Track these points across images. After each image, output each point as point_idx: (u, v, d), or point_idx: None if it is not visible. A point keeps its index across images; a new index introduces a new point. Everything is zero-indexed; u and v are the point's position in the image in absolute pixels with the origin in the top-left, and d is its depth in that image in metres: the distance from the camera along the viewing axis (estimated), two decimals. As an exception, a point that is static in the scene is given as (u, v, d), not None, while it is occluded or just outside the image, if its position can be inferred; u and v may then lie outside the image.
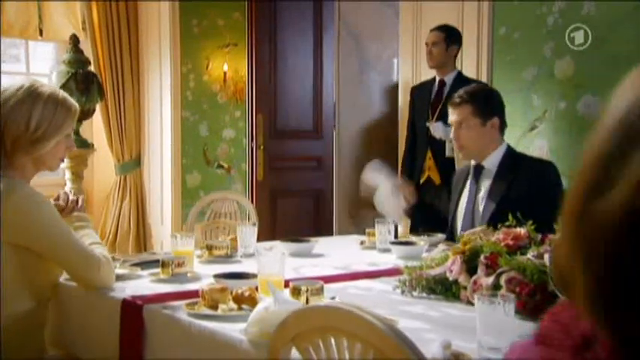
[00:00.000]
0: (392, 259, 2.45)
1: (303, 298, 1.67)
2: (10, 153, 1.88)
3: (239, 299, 1.68)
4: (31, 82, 1.95)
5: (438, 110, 3.79)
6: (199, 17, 5.63)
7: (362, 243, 2.72)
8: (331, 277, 2.11)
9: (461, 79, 3.90)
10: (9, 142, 1.87)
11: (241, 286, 1.75)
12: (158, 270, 2.14)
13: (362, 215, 5.87)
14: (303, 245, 2.58)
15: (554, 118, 4.25)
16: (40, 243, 1.86)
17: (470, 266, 1.71)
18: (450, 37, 3.94)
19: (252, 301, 1.67)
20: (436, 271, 1.79)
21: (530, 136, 4.33)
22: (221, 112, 5.80)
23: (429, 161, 3.79)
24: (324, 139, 5.76)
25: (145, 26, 5.65)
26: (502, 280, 1.57)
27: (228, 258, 2.43)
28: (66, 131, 1.95)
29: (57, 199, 2.09)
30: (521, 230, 1.69)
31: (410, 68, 5.04)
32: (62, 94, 1.98)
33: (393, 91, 6.12)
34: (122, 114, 5.63)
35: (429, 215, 3.82)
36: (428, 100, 3.86)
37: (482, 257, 1.67)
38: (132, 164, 5.74)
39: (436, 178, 3.76)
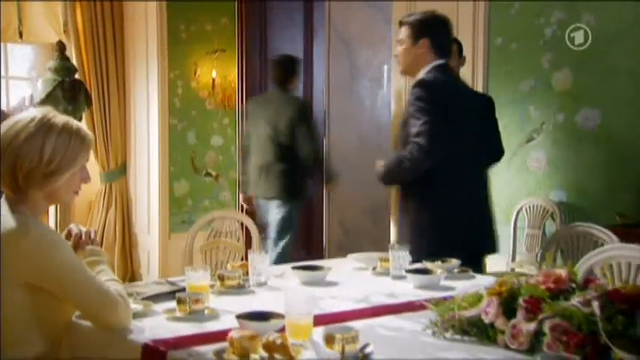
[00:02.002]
0: (409, 288, 2.40)
1: (338, 347, 1.61)
2: (23, 188, 1.79)
3: (271, 347, 1.61)
4: (43, 112, 1.85)
5: None
6: (187, 22, 5.53)
7: (374, 269, 2.66)
8: (354, 313, 2.05)
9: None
10: (21, 177, 1.78)
11: (271, 332, 1.68)
12: (172, 304, 2.06)
13: (353, 224, 5.82)
14: (316, 274, 2.51)
15: (552, 130, 4.23)
16: (55, 283, 1.77)
17: (507, 309, 1.66)
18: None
19: (285, 350, 1.60)
20: (470, 313, 1.74)
21: (527, 147, 4.31)
22: (209, 119, 5.71)
23: None
24: (315, 147, 5.68)
25: (131, 30, 5.52)
26: (546, 327, 1.53)
27: (240, 289, 2.35)
28: (80, 163, 1.87)
29: (68, 234, 1.99)
30: (562, 272, 1.65)
31: (401, 75, 4.98)
32: (76, 124, 1.89)
33: (384, 98, 6.08)
34: (107, 121, 5.51)
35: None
36: None
37: (521, 300, 1.62)
38: (117, 172, 5.62)
39: None
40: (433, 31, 2.99)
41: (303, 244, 5.56)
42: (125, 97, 5.62)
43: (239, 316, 1.85)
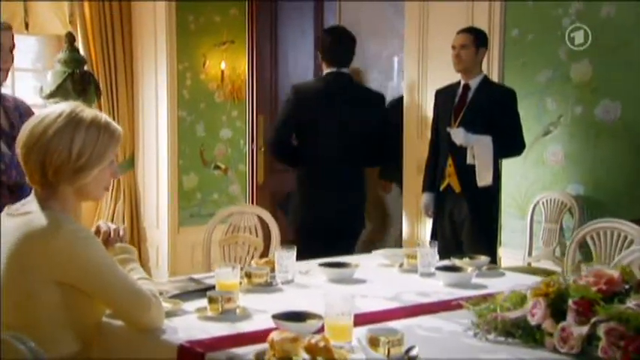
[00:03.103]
0: (439, 285, 2.35)
1: (382, 350, 1.57)
2: (54, 184, 1.74)
3: (314, 350, 1.56)
4: (71, 107, 1.80)
5: (460, 115, 3.67)
6: (196, 13, 5.45)
7: (401, 266, 2.61)
8: (390, 313, 2.01)
9: (486, 84, 3.79)
10: (51, 172, 1.73)
11: (312, 334, 1.63)
12: (202, 303, 2.02)
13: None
14: (343, 271, 2.46)
15: (570, 123, 4.17)
16: (87, 282, 1.72)
17: (555, 311, 1.62)
18: (478, 39, 3.77)
19: (329, 353, 1.55)
20: (515, 314, 1.69)
21: (544, 141, 4.25)
22: (218, 111, 5.64)
23: (450, 168, 3.67)
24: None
25: (139, 22, 5.45)
26: (600, 331, 1.48)
27: (268, 286, 2.31)
28: (110, 157, 1.82)
29: (97, 230, 1.94)
30: (614, 273, 1.60)
31: (415, 67, 4.93)
32: (105, 118, 1.83)
33: (394, 90, 6.02)
34: (115, 113, 5.44)
35: (444, 224, 3.74)
36: (451, 104, 3.74)
37: (571, 302, 1.57)
38: (125, 165, 5.56)
39: (456, 186, 3.65)
40: (322, 45, 3.86)
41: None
42: (133, 89, 5.55)
43: (275, 317, 1.80)
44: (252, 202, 5.54)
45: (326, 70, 3.79)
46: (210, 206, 5.61)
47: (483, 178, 3.55)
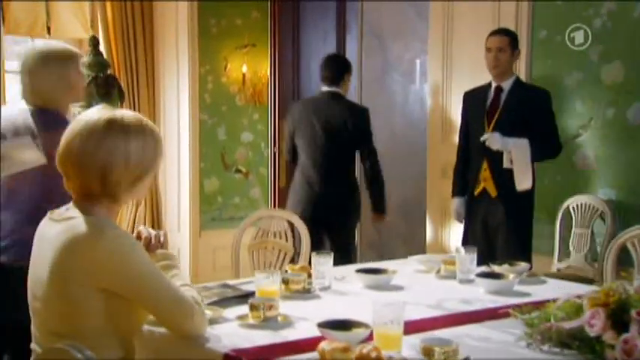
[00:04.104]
0: (480, 292, 2.29)
1: (438, 360, 1.52)
2: (116, 196, 1.72)
3: (364, 361, 1.52)
4: (109, 113, 1.74)
5: (494, 119, 3.60)
6: (218, 17, 5.42)
7: (438, 272, 2.56)
8: (435, 321, 1.95)
9: (519, 85, 3.71)
10: (113, 185, 1.69)
11: (363, 343, 1.58)
12: (242, 310, 1.97)
13: (385, 222, 5.70)
14: (380, 277, 2.41)
15: (601, 125, 4.10)
16: (131, 288, 1.67)
17: (616, 321, 1.56)
18: (514, 41, 3.68)
19: (381, 364, 1.50)
20: (571, 324, 1.63)
21: (574, 144, 4.18)
22: (239, 114, 5.60)
23: (485, 172, 3.60)
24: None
25: (162, 26, 5.43)
26: (667, 343, 1.42)
27: (306, 293, 2.26)
28: (160, 160, 1.78)
29: (138, 236, 1.90)
30: (679, 283, 1.54)
31: (440, 70, 4.88)
32: (145, 119, 1.79)
33: (416, 93, 5.97)
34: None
35: (479, 228, 3.67)
36: (483, 107, 3.66)
37: (634, 313, 1.51)
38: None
39: (492, 190, 3.58)
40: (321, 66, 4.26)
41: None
42: (155, 92, 5.53)
43: (321, 325, 1.75)
44: (274, 206, 5.50)
45: (321, 88, 4.25)
46: (232, 210, 5.58)
47: (523, 182, 3.48)
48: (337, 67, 4.22)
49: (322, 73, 4.21)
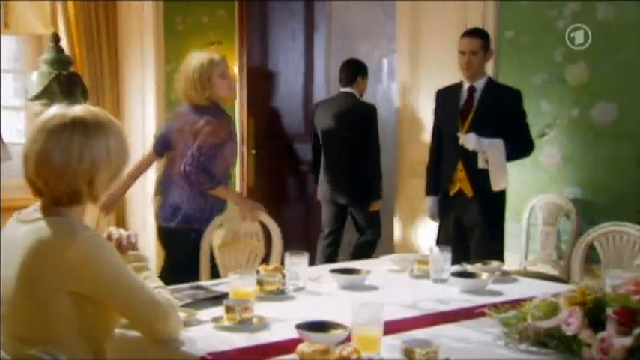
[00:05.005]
0: (455, 292, 2.30)
1: (419, 362, 1.51)
2: (99, 196, 1.68)
3: (345, 363, 1.50)
4: (72, 112, 1.68)
5: (469, 119, 3.62)
6: (183, 14, 5.35)
7: (411, 271, 2.55)
8: (412, 322, 1.95)
9: (491, 85, 3.73)
10: (98, 186, 1.65)
11: (342, 345, 1.57)
12: (216, 312, 1.95)
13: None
14: (355, 277, 2.40)
15: (567, 125, 4.16)
16: (104, 291, 1.63)
17: (592, 320, 1.57)
18: (486, 43, 3.71)
19: (362, 366, 1.49)
20: (548, 323, 1.64)
21: (540, 143, 4.23)
22: (206, 113, 5.54)
23: (460, 173, 3.61)
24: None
25: (126, 23, 5.33)
26: (644, 342, 1.43)
27: (280, 294, 2.24)
28: (130, 154, 1.75)
29: (109, 237, 1.85)
30: (654, 281, 1.56)
31: (408, 69, 4.89)
32: (106, 114, 1.75)
33: (384, 91, 5.98)
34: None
35: (454, 228, 3.68)
36: (456, 107, 3.67)
37: (610, 312, 1.53)
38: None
39: (468, 191, 3.59)
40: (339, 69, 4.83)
41: (306, 240, 5.44)
42: (119, 90, 5.43)
43: (299, 327, 1.73)
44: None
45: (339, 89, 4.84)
46: (198, 210, 5.51)
47: (499, 183, 3.52)
48: (351, 70, 4.76)
49: (339, 75, 4.78)
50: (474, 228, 3.57)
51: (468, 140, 3.45)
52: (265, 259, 3.17)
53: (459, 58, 3.66)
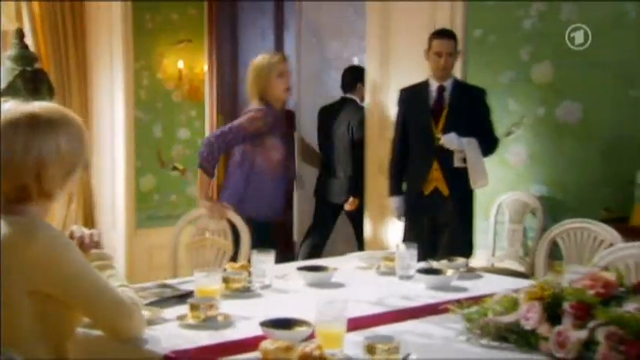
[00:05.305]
0: (420, 288, 2.32)
1: (379, 358, 1.52)
2: (52, 193, 1.64)
3: (308, 359, 1.51)
4: (31, 108, 1.67)
5: (442, 118, 3.64)
6: (153, 12, 5.32)
7: (378, 268, 2.57)
8: (377, 318, 1.96)
9: (459, 84, 3.77)
10: (47, 182, 1.63)
11: (305, 342, 1.58)
12: (181, 310, 1.94)
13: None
14: (321, 275, 2.41)
15: (533, 123, 4.22)
16: (67, 290, 1.62)
17: (550, 314, 1.60)
18: (457, 43, 3.78)
19: (325, 362, 1.50)
20: (508, 319, 1.67)
21: (507, 141, 4.28)
22: (176, 111, 5.51)
23: (436, 172, 3.63)
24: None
25: (94, 19, 5.28)
26: (599, 336, 1.47)
27: (246, 292, 2.24)
28: (86, 152, 1.73)
29: (71, 236, 1.84)
30: (610, 276, 1.59)
31: (377, 68, 4.91)
32: (63, 109, 1.73)
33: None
34: (69, 113, 5.25)
35: (428, 226, 3.70)
36: (427, 107, 3.69)
37: (567, 306, 1.56)
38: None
39: (444, 189, 3.63)
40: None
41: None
42: (87, 88, 5.38)
43: (263, 324, 1.74)
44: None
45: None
46: (168, 208, 5.49)
47: (480, 180, 3.59)
48: (351, 76, 4.96)
49: (342, 81, 5.00)
50: (449, 226, 3.61)
51: (450, 140, 3.50)
52: (234, 258, 3.17)
53: (433, 59, 3.68)
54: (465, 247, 3.51)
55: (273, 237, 3.56)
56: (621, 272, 1.64)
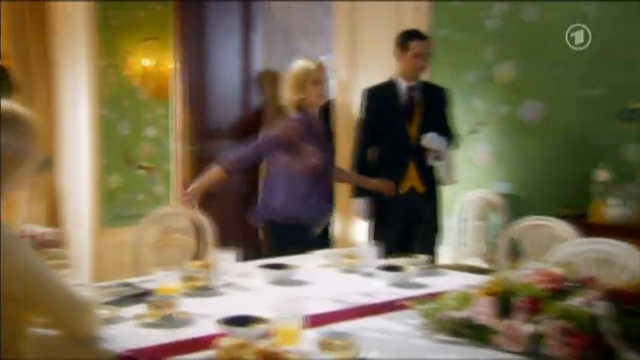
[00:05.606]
0: (381, 285, 2.35)
1: (335, 354, 1.54)
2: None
3: (263, 356, 1.52)
4: None
5: (415, 118, 3.67)
6: (118, 9, 5.27)
7: (340, 266, 2.59)
8: (337, 315, 1.98)
9: (425, 84, 3.80)
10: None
11: (261, 339, 1.59)
12: (140, 309, 1.94)
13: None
14: (283, 273, 2.42)
15: (497, 122, 4.28)
16: (20, 289, 1.60)
17: (502, 309, 1.63)
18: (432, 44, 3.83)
19: (281, 358, 1.51)
20: (462, 314, 1.69)
21: (472, 139, 4.34)
22: (143, 109, 5.47)
23: (412, 171, 3.66)
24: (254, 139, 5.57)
25: (58, 16, 5.20)
26: (547, 329, 1.50)
27: (207, 290, 2.24)
28: (35, 147, 1.71)
29: (23, 235, 1.82)
30: (558, 271, 1.62)
31: (345, 67, 4.94)
32: (10, 104, 1.71)
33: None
34: (32, 110, 5.18)
35: (401, 224, 3.72)
36: (398, 107, 3.71)
37: (518, 301, 1.59)
38: (43, 164, 5.31)
39: (420, 188, 3.67)
40: None
41: (242, 237, 5.44)
42: (52, 85, 5.31)
43: (220, 322, 1.74)
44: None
45: None
46: (135, 207, 5.45)
47: (452, 178, 3.65)
48: None
49: None
50: (424, 223, 3.64)
51: (432, 140, 3.54)
52: (199, 256, 3.17)
53: (411, 61, 3.66)
54: (438, 244, 3.61)
55: (316, 239, 3.47)
56: (571, 267, 1.67)
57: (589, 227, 3.11)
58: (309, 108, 3.45)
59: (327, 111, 3.91)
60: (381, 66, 4.38)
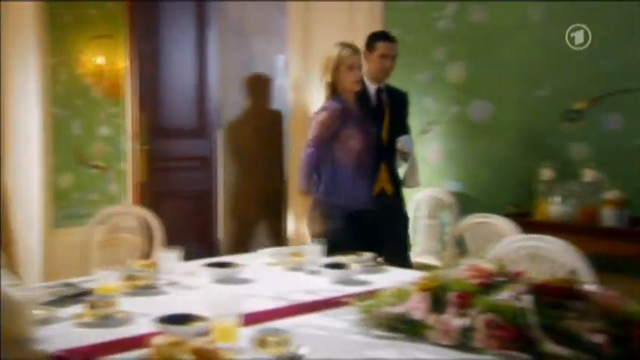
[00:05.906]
0: (325, 283, 2.37)
1: (270, 350, 1.55)
2: None
3: (198, 353, 1.52)
4: None
5: (386, 121, 3.68)
6: (70, 6, 5.19)
7: (286, 264, 2.60)
8: (276, 312, 1.99)
9: (388, 87, 3.82)
10: None
11: (197, 336, 1.59)
12: (79, 309, 1.92)
13: (247, 216, 5.73)
14: (228, 271, 2.42)
15: (448, 121, 4.34)
16: None
17: (437, 304, 1.66)
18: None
19: (216, 356, 1.52)
20: (398, 310, 1.72)
21: (425, 138, 4.39)
22: (96, 108, 5.40)
23: (384, 173, 3.66)
24: (209, 138, 5.55)
25: (6, 12, 5.12)
26: (477, 323, 1.53)
27: (151, 289, 2.23)
28: None
29: None
30: (489, 267, 1.66)
31: (299, 67, 4.96)
32: None
33: (278, 88, 6.02)
34: (-21, 110, 5.09)
35: (371, 226, 3.72)
36: (369, 109, 3.67)
37: (450, 296, 1.62)
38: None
39: (389, 189, 3.69)
40: None
41: (197, 236, 5.42)
42: (1, 85, 5.21)
43: (156, 320, 1.74)
44: (133, 200, 5.37)
45: None
46: (88, 206, 5.37)
47: (417, 180, 3.72)
48: None
49: None
50: (395, 223, 3.65)
51: (406, 142, 3.56)
52: (147, 255, 3.15)
53: (378, 62, 3.68)
54: (408, 244, 3.66)
55: (362, 226, 3.51)
56: (502, 263, 1.71)
57: (533, 225, 3.18)
58: (344, 94, 3.42)
59: (364, 96, 3.75)
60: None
